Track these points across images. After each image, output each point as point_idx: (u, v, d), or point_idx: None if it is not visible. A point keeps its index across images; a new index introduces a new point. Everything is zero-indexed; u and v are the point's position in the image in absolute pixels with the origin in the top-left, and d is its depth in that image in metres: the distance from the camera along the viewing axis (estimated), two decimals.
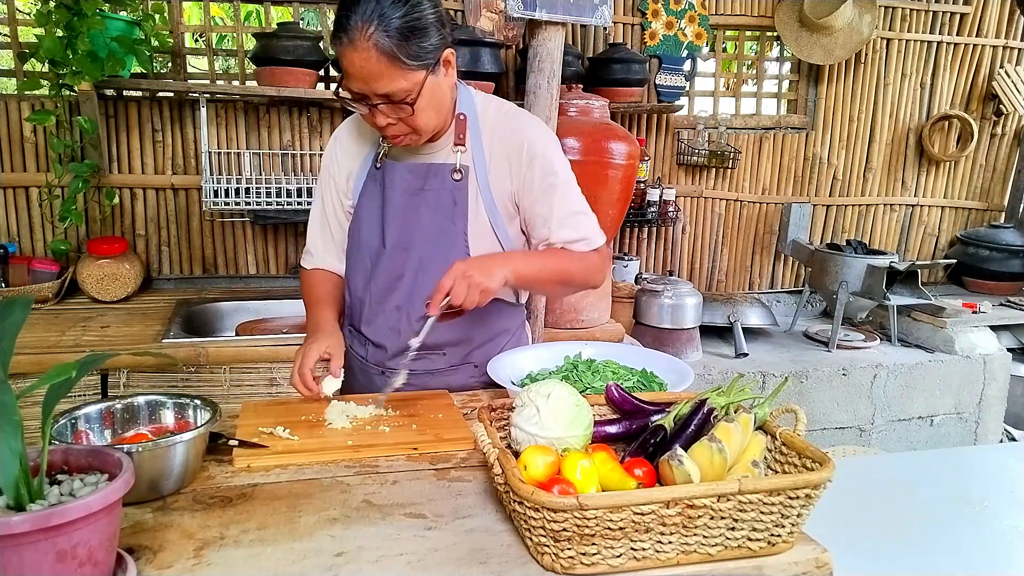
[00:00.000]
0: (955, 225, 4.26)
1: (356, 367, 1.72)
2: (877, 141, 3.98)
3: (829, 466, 1.03)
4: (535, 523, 0.96)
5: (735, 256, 3.93)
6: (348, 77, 1.40)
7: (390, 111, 1.43)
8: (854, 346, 3.43)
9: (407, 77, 1.38)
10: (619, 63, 3.25)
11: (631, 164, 2.69)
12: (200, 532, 1.05)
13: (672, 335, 3.18)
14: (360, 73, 1.37)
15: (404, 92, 1.39)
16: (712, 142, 3.66)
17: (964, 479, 2.28)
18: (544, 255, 1.58)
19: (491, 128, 1.59)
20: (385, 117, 1.43)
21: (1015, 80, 3.99)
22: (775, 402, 1.23)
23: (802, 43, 3.60)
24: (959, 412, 3.45)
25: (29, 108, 2.86)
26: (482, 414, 1.20)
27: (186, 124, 3.05)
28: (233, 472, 1.24)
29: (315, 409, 1.46)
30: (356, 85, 1.39)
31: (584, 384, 1.54)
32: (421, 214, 1.58)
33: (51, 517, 0.79)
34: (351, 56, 1.35)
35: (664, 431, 1.20)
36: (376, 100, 1.41)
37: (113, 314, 2.69)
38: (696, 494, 0.96)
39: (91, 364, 0.95)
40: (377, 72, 1.36)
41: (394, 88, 1.38)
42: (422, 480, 1.23)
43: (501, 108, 1.62)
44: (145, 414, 1.29)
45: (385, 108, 1.42)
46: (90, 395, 2.25)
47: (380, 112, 1.43)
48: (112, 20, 2.65)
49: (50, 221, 2.96)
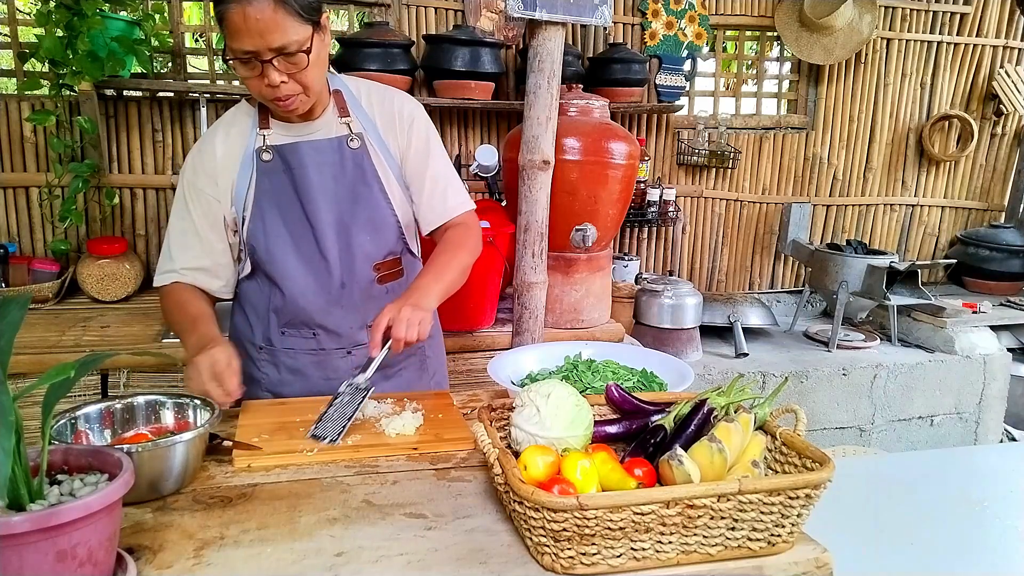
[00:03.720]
0: (955, 225, 4.26)
1: (307, 362, 1.69)
2: (877, 141, 3.98)
3: (829, 466, 1.03)
4: (535, 523, 0.96)
5: (735, 256, 3.93)
6: (239, 35, 1.39)
7: (283, 67, 1.43)
8: (854, 346, 3.43)
9: (299, 30, 1.41)
10: (619, 63, 3.25)
11: (631, 164, 2.69)
12: (200, 532, 1.05)
13: (672, 335, 3.18)
14: (255, 25, 1.37)
15: (297, 44, 1.41)
16: (712, 142, 3.66)
17: (964, 479, 2.28)
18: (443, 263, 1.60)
19: (366, 98, 1.66)
20: (279, 74, 1.43)
21: (1015, 80, 3.99)
22: (775, 402, 1.23)
23: (802, 43, 3.60)
24: (959, 412, 3.45)
25: (29, 108, 2.86)
26: (482, 414, 1.20)
27: (186, 124, 3.05)
28: (233, 472, 1.24)
29: (311, 408, 1.46)
30: (249, 42, 1.39)
31: (584, 384, 1.54)
32: (337, 186, 1.60)
33: (51, 517, 0.79)
34: (245, 10, 1.36)
35: (664, 431, 1.20)
36: (269, 55, 1.41)
37: (113, 314, 2.69)
38: (696, 494, 0.96)
39: (91, 364, 0.95)
40: (272, 23, 1.37)
41: (288, 40, 1.40)
42: (422, 480, 1.23)
43: (367, 83, 1.71)
44: (145, 414, 1.29)
45: (279, 63, 1.42)
46: (90, 395, 2.24)
47: (272, 68, 1.42)
48: (112, 20, 2.65)
49: (50, 221, 2.96)
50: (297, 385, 1.69)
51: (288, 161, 1.58)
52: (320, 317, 1.65)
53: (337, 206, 1.60)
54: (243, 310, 1.72)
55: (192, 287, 1.61)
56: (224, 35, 1.42)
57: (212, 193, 1.59)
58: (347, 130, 1.61)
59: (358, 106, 1.64)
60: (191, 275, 1.61)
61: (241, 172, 1.59)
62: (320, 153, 1.58)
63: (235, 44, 1.40)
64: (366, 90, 1.68)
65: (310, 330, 1.67)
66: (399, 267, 1.70)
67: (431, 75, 3.05)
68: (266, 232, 1.60)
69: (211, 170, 1.59)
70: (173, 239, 1.62)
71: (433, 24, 3.24)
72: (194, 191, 1.60)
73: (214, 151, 1.59)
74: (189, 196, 1.60)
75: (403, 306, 1.44)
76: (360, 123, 1.63)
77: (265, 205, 1.59)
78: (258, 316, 1.69)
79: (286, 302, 1.64)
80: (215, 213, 1.60)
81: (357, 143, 1.60)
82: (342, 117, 1.61)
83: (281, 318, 1.67)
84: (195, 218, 1.60)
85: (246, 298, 1.70)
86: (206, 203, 1.59)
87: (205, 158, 1.60)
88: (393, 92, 1.70)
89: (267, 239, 1.60)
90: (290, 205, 1.59)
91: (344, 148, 1.60)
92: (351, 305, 1.65)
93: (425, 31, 3.20)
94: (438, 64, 2.93)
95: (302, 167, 1.57)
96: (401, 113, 1.66)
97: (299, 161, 1.57)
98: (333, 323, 1.66)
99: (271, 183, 1.58)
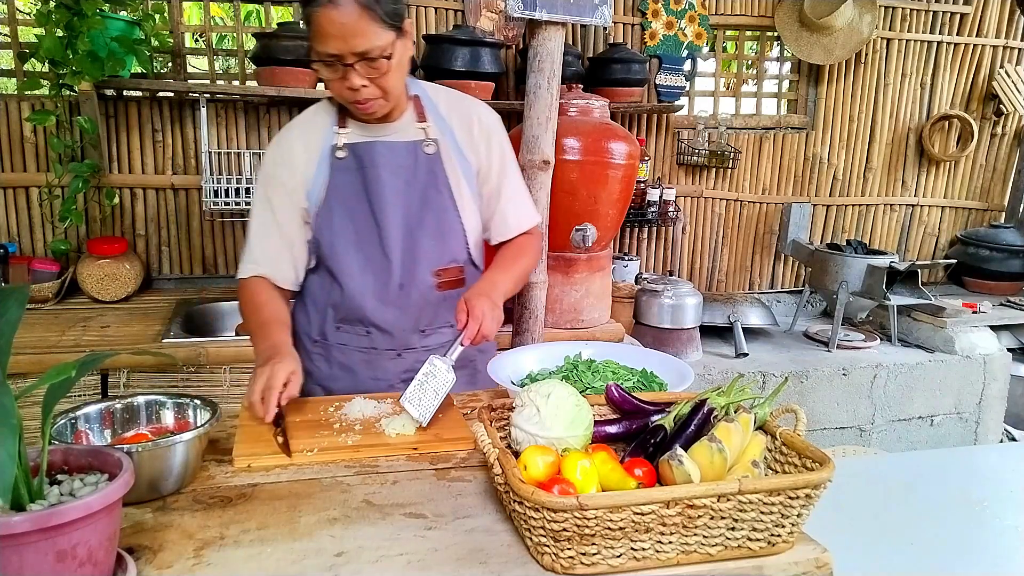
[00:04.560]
0: (955, 225, 4.26)
1: (357, 360, 1.72)
2: (877, 141, 3.98)
3: (829, 466, 1.03)
4: (535, 523, 0.96)
5: (735, 256, 3.93)
6: (324, 39, 1.42)
7: (365, 71, 1.46)
8: (854, 346, 3.43)
9: (382, 35, 1.43)
10: (619, 63, 3.25)
11: (631, 164, 2.69)
12: (200, 532, 1.05)
13: (672, 335, 3.18)
14: (340, 31, 1.40)
15: (379, 49, 1.44)
16: (712, 142, 3.66)
17: (964, 479, 2.27)
18: (510, 263, 1.67)
19: (445, 105, 1.68)
20: (360, 78, 1.46)
21: (1015, 80, 3.98)
22: (775, 402, 1.23)
23: (802, 43, 3.60)
24: (959, 412, 3.45)
25: (29, 108, 2.86)
26: (482, 414, 1.20)
27: (186, 124, 3.05)
28: (233, 472, 1.24)
29: (311, 408, 1.46)
30: (334, 46, 1.42)
31: (584, 384, 1.54)
32: (408, 189, 1.62)
33: (51, 517, 0.79)
34: (331, 15, 1.39)
35: (664, 431, 1.20)
36: (352, 59, 1.44)
37: (113, 314, 2.69)
38: (696, 494, 0.96)
39: (91, 364, 0.95)
40: (357, 28, 1.40)
41: (371, 45, 1.43)
42: (422, 480, 1.23)
43: (446, 89, 1.73)
44: (145, 414, 1.29)
45: (361, 67, 1.45)
46: (90, 395, 2.25)
47: (355, 72, 1.45)
48: (112, 20, 2.65)
49: (50, 221, 2.96)
50: (346, 381, 1.71)
51: (362, 160, 1.61)
52: (375, 315, 1.67)
53: (405, 209, 1.62)
54: (304, 302, 1.76)
55: (270, 284, 1.66)
56: (310, 36, 1.45)
57: (290, 184, 1.63)
58: (423, 135, 1.63)
59: (436, 112, 1.66)
60: (269, 266, 1.66)
61: (318, 168, 1.63)
62: (394, 155, 1.61)
63: (319, 47, 1.44)
64: (445, 97, 1.70)
65: (364, 328, 1.69)
66: (460, 276, 1.71)
67: (431, 75, 3.04)
68: (332, 227, 1.64)
69: (289, 162, 1.63)
70: (253, 231, 1.67)
71: (433, 24, 3.24)
72: (274, 183, 1.64)
73: (292, 145, 1.64)
74: (269, 188, 1.65)
75: (484, 301, 1.48)
76: (437, 129, 1.65)
77: (335, 201, 1.63)
78: (317, 309, 1.72)
79: (344, 297, 1.67)
80: (294, 203, 1.64)
81: (432, 148, 1.63)
82: (419, 122, 1.64)
83: (338, 313, 1.70)
84: (275, 208, 1.64)
85: (308, 291, 1.74)
86: (285, 194, 1.64)
87: (283, 151, 1.64)
88: (472, 102, 1.72)
89: (332, 234, 1.64)
90: (359, 203, 1.62)
91: (419, 152, 1.62)
92: (407, 307, 1.67)
93: (425, 31, 3.20)
94: (438, 64, 2.93)
95: (375, 167, 1.60)
96: (480, 123, 1.68)
97: (372, 161, 1.60)
98: (387, 323, 1.68)
99: (343, 180, 1.62)
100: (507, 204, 1.71)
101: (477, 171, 1.68)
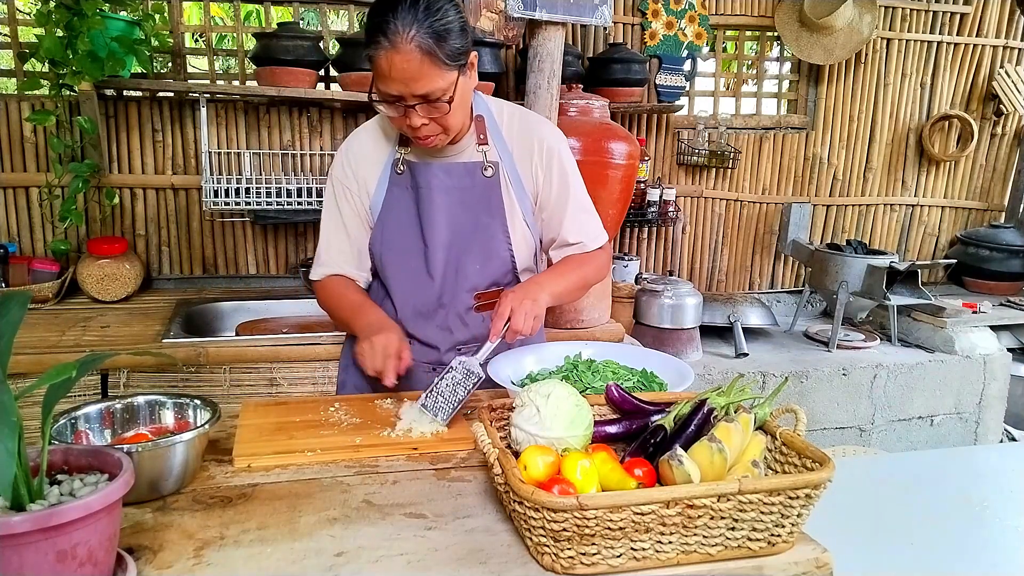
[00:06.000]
0: (955, 225, 4.26)
1: None
2: (877, 141, 3.98)
3: (829, 466, 1.03)
4: (535, 523, 0.96)
5: (735, 256, 3.93)
6: (385, 80, 1.42)
7: (425, 112, 1.46)
8: (854, 346, 3.43)
9: (444, 77, 1.43)
10: (619, 63, 3.25)
11: (631, 164, 2.69)
12: (200, 532, 1.05)
13: (672, 335, 3.18)
14: (401, 75, 1.40)
15: (441, 91, 1.44)
16: (712, 142, 3.66)
17: (964, 479, 2.27)
18: (566, 268, 1.67)
19: (507, 126, 1.67)
20: (420, 118, 1.47)
21: (1015, 80, 3.98)
22: (775, 402, 1.23)
23: (802, 43, 3.60)
24: (959, 412, 3.45)
25: (29, 108, 2.86)
26: (482, 414, 1.21)
27: (186, 124, 3.05)
28: (233, 472, 1.24)
29: (311, 408, 1.46)
30: (394, 88, 1.42)
31: (584, 384, 1.54)
32: (460, 211, 1.63)
33: (51, 517, 0.79)
34: (392, 58, 1.38)
35: (664, 431, 1.20)
36: (413, 101, 1.44)
37: (113, 314, 2.69)
38: (696, 494, 0.96)
39: (91, 364, 0.95)
40: (418, 72, 1.40)
41: (432, 88, 1.42)
42: (422, 480, 1.23)
43: (512, 108, 1.71)
44: (145, 414, 1.29)
45: (421, 108, 1.45)
46: (90, 395, 2.24)
47: (415, 113, 1.46)
48: (112, 20, 2.64)
49: (50, 221, 2.96)
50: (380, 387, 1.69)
51: (417, 179, 1.62)
52: (414, 329, 1.70)
53: (453, 230, 1.63)
54: None
55: (346, 278, 1.70)
56: (373, 75, 1.45)
57: (357, 188, 1.67)
58: (483, 158, 1.62)
59: (498, 133, 1.65)
60: (341, 266, 1.70)
61: (380, 177, 1.65)
62: (450, 176, 1.62)
63: (381, 87, 1.44)
64: (509, 115, 1.68)
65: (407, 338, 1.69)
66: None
67: None
68: (383, 240, 1.67)
69: (357, 166, 1.67)
70: (324, 234, 1.71)
71: None
72: (342, 187, 1.68)
73: (362, 149, 1.67)
74: (338, 192, 1.68)
75: (524, 299, 1.48)
76: (497, 152, 1.64)
77: (389, 213, 1.65)
78: None
79: (392, 308, 1.71)
80: (361, 206, 1.68)
81: (491, 172, 1.63)
82: (480, 144, 1.63)
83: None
84: (343, 211, 1.68)
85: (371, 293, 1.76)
86: (353, 197, 1.67)
87: (353, 155, 1.68)
88: (537, 123, 1.70)
89: (383, 245, 1.67)
90: (410, 219, 1.64)
91: (477, 175, 1.62)
92: (444, 326, 1.69)
93: None
94: None
95: (428, 187, 1.62)
96: (542, 144, 1.65)
97: (427, 181, 1.61)
98: (426, 337, 1.70)
99: (399, 195, 1.64)
100: (570, 225, 1.68)
101: (535, 197, 1.67)
